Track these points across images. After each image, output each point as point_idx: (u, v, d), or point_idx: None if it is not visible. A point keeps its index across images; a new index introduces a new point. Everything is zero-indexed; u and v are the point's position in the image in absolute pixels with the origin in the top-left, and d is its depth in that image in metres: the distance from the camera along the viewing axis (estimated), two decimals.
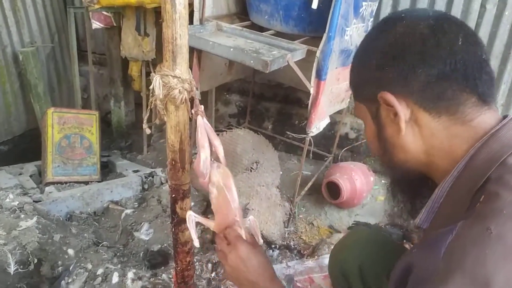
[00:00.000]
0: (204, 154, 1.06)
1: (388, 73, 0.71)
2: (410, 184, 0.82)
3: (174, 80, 1.03)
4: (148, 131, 1.15)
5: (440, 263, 0.55)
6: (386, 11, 2.39)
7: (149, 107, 1.10)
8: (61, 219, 1.96)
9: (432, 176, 0.76)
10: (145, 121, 1.13)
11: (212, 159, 1.06)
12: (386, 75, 0.72)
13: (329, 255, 1.85)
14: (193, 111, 1.08)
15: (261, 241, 1.06)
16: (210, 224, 1.07)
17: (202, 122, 1.08)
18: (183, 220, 1.21)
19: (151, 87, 1.03)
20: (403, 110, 0.71)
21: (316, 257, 1.76)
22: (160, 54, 2.53)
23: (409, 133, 0.72)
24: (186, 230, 1.24)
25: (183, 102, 1.06)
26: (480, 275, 0.51)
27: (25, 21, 2.93)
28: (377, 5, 2.19)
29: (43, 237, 1.70)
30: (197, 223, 1.08)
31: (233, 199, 1.01)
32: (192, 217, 1.05)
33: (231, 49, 1.68)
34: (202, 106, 1.09)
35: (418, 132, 0.72)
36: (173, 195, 1.18)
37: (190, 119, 1.11)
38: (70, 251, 1.79)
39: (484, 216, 0.55)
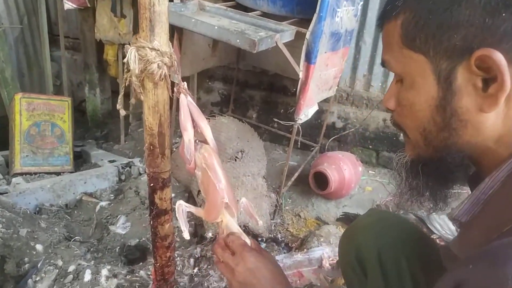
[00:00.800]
0: (187, 137, 0.95)
1: (504, 22, 0.50)
2: (446, 171, 0.65)
3: (152, 53, 0.90)
4: (122, 112, 1.02)
5: None
6: None
7: (123, 85, 0.97)
8: (28, 212, 1.81)
9: (480, 163, 0.62)
10: (119, 100, 1.01)
11: (197, 141, 0.95)
12: (499, 24, 0.50)
13: (316, 245, 1.79)
14: (175, 89, 0.96)
15: (260, 222, 0.97)
16: (200, 212, 0.96)
17: (186, 102, 0.97)
18: (163, 212, 1.10)
19: (125, 60, 0.91)
20: (509, 80, 0.51)
21: (305, 250, 1.67)
22: None
23: (493, 112, 0.54)
24: (166, 223, 1.13)
25: (163, 79, 0.94)
26: None
27: None
28: None
29: (7, 232, 1.55)
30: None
31: (218, 179, 0.90)
32: (182, 207, 0.94)
33: (216, 28, 1.55)
34: (185, 83, 0.97)
35: (504, 112, 0.54)
36: (152, 184, 1.06)
37: (171, 98, 0.99)
38: (39, 247, 1.64)
39: None
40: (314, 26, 1.65)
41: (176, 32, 1.88)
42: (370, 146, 2.61)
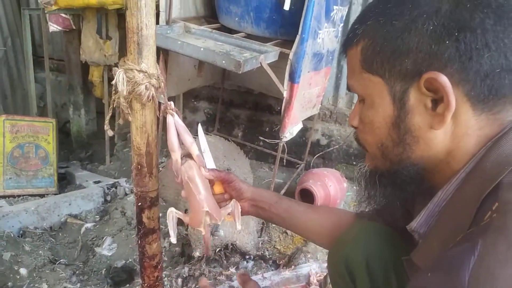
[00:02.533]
0: (174, 156, 0.99)
1: (448, 48, 0.55)
2: (401, 183, 0.69)
3: (140, 75, 0.93)
4: (110, 132, 1.04)
5: None
6: (355, 17, 2.38)
7: (111, 106, 0.99)
8: (12, 235, 1.78)
9: (433, 177, 0.66)
10: (106, 121, 1.02)
11: (183, 158, 0.99)
12: (443, 50, 0.55)
13: (303, 262, 1.80)
14: (161, 108, 0.99)
15: (239, 226, 1.01)
16: (186, 219, 1.01)
17: (173, 122, 0.99)
18: (151, 231, 1.11)
19: (113, 82, 0.93)
20: (454, 101, 0.56)
21: (292, 266, 1.68)
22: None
23: (442, 129, 0.59)
24: (154, 242, 1.13)
25: (150, 100, 0.97)
26: None
27: None
28: (347, 10, 2.19)
29: None
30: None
31: (198, 190, 0.95)
32: (173, 213, 1.00)
33: (202, 49, 1.59)
34: (172, 103, 1.00)
35: (451, 128, 0.59)
36: (139, 204, 1.07)
37: (158, 118, 1.02)
38: (23, 271, 1.62)
39: (506, 231, 0.48)
40: (297, 47, 1.70)
41: (162, 53, 1.91)
42: (354, 163, 2.66)
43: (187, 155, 1.01)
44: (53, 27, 2.51)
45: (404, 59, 0.58)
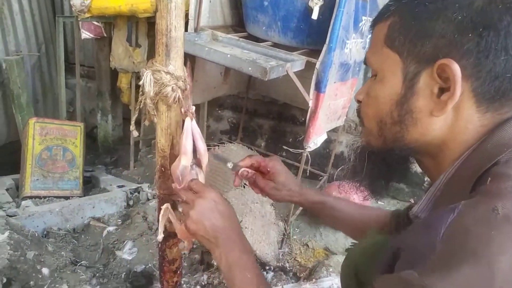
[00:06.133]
0: (184, 160, 0.95)
1: (469, 41, 0.56)
2: (390, 162, 0.71)
3: (167, 77, 0.93)
4: (135, 133, 1.05)
5: (437, 244, 0.49)
6: None
7: (137, 107, 1.00)
8: (36, 235, 1.81)
9: (426, 163, 0.68)
10: (132, 122, 1.03)
11: (193, 166, 0.97)
12: (464, 42, 0.56)
13: (325, 275, 1.75)
14: (182, 111, 0.97)
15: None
16: (177, 226, 0.98)
17: (190, 125, 0.97)
18: (172, 234, 1.10)
19: (140, 82, 0.93)
20: (459, 91, 0.58)
21: (313, 280, 1.63)
22: None
23: (442, 117, 0.61)
24: (174, 247, 1.12)
25: (176, 102, 0.96)
26: (484, 256, 0.45)
27: (11, 29, 2.84)
28: None
29: (14, 254, 1.55)
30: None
31: None
32: (167, 212, 0.99)
33: (228, 56, 1.60)
34: (194, 107, 0.99)
35: (452, 120, 0.61)
36: (162, 206, 1.06)
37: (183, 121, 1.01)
38: (45, 270, 1.63)
39: (491, 196, 0.50)
40: (324, 56, 1.68)
41: (189, 61, 1.93)
42: None
43: (197, 163, 0.99)
44: (85, 34, 2.59)
45: (426, 41, 0.60)
